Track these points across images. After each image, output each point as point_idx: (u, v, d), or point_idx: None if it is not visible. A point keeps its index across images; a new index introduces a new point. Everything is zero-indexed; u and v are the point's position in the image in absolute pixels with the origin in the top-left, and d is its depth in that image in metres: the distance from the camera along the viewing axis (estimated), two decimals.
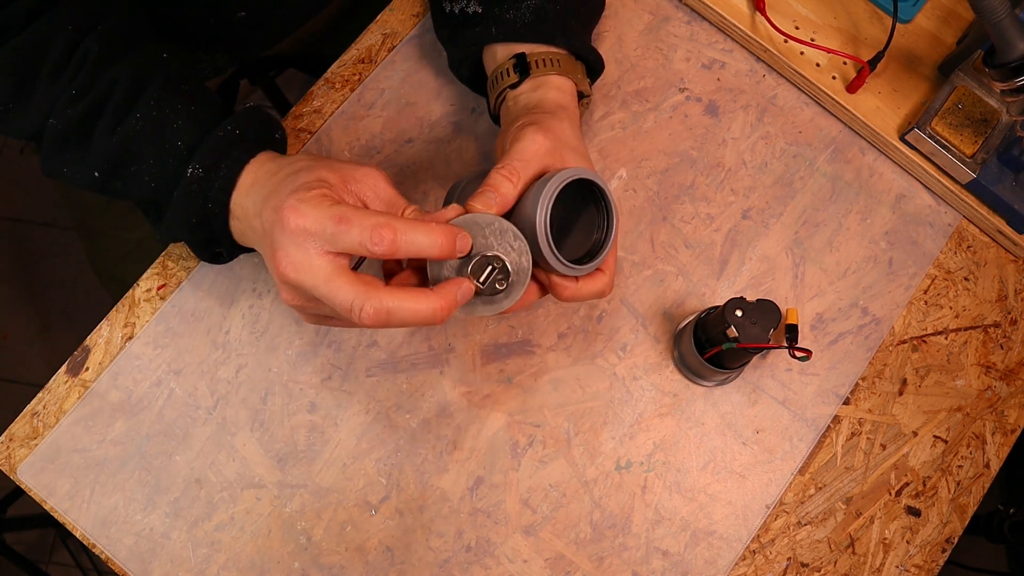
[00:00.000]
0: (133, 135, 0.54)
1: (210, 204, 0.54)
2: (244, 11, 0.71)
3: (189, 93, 0.56)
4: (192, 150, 0.54)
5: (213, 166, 0.53)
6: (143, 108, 0.54)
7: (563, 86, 0.60)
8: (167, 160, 0.54)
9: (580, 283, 0.53)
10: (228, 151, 0.54)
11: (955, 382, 0.68)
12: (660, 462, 0.65)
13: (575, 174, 0.51)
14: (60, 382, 0.64)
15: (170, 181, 0.54)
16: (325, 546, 0.62)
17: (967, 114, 0.67)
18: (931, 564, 0.65)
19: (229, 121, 0.55)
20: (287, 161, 0.53)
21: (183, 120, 0.54)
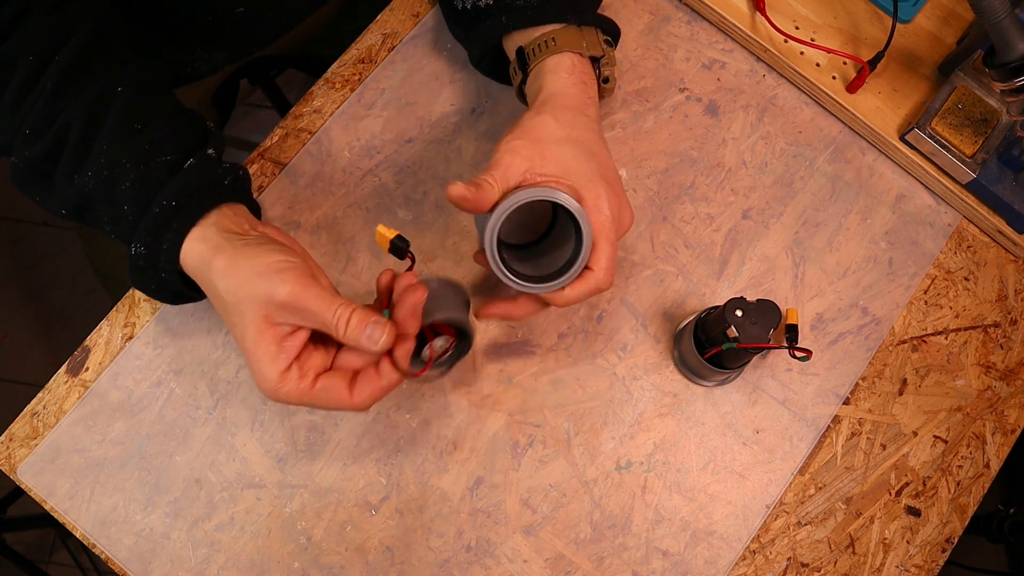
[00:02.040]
0: (88, 189, 0.54)
1: (163, 274, 0.55)
2: (242, 7, 0.71)
3: (140, 138, 0.54)
4: (134, 226, 0.54)
5: (154, 242, 0.54)
6: (94, 163, 0.54)
7: (558, 65, 0.59)
8: (119, 222, 0.55)
9: (568, 290, 0.54)
10: (168, 224, 0.53)
11: (955, 382, 0.68)
12: (660, 462, 0.65)
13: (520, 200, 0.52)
14: (60, 382, 0.64)
15: (125, 241, 0.55)
16: (325, 546, 0.62)
17: (967, 114, 0.67)
18: (931, 564, 0.65)
19: (166, 191, 0.53)
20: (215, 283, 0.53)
21: (129, 183, 0.54)
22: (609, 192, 0.55)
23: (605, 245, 0.54)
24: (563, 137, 0.56)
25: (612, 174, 0.57)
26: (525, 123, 0.56)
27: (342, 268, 0.67)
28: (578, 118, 0.57)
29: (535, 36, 0.60)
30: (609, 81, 0.62)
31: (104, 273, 0.89)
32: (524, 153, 0.54)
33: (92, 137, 0.54)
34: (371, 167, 0.69)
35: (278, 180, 0.69)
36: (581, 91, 0.59)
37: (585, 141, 0.57)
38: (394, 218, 0.68)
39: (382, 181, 0.69)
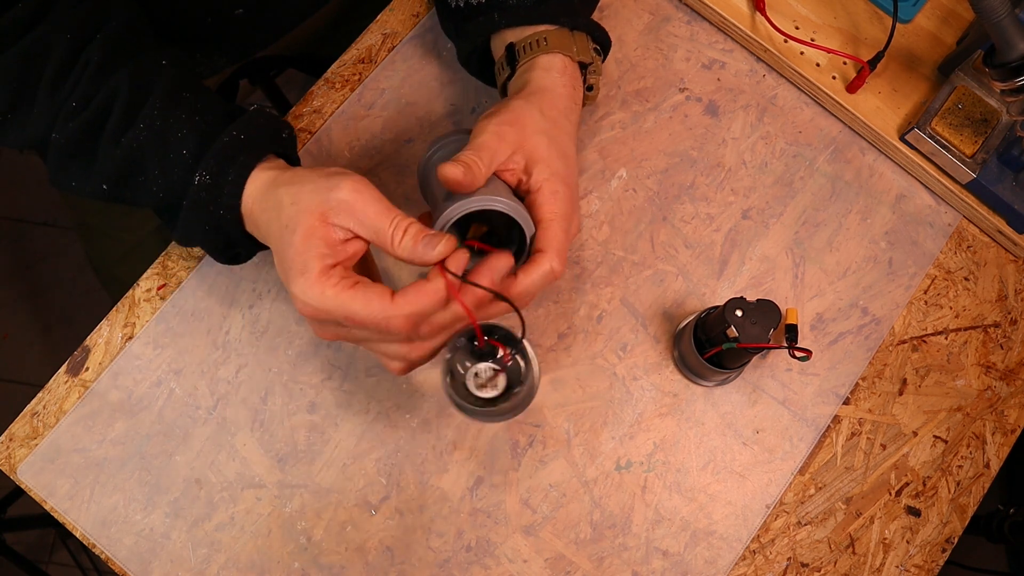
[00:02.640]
0: (137, 146, 0.54)
1: (222, 211, 0.54)
2: (242, 9, 0.71)
3: (191, 100, 0.56)
4: (197, 159, 0.53)
5: (220, 172, 0.53)
6: (146, 118, 0.54)
7: (549, 64, 0.59)
8: (172, 170, 0.54)
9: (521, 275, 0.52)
10: (235, 156, 0.53)
11: (955, 382, 0.68)
12: (660, 462, 0.65)
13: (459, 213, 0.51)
14: (60, 382, 0.64)
15: (177, 190, 0.54)
16: (325, 546, 0.62)
17: (967, 114, 0.67)
18: (931, 564, 0.65)
19: (234, 127, 0.54)
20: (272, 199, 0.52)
21: (187, 129, 0.54)
22: (566, 191, 0.55)
23: (558, 230, 0.53)
24: (544, 130, 0.56)
25: (574, 181, 0.57)
26: (513, 108, 0.56)
27: None
28: (561, 120, 0.58)
29: (527, 34, 0.60)
30: (593, 90, 0.63)
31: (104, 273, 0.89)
32: (510, 139, 0.54)
33: (142, 99, 0.54)
34: (371, 167, 0.69)
35: None
36: (568, 94, 0.59)
37: (561, 140, 0.57)
38: None
39: (382, 181, 0.69)
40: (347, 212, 0.50)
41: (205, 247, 0.57)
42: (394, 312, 0.48)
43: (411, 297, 0.49)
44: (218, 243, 0.57)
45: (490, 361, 0.52)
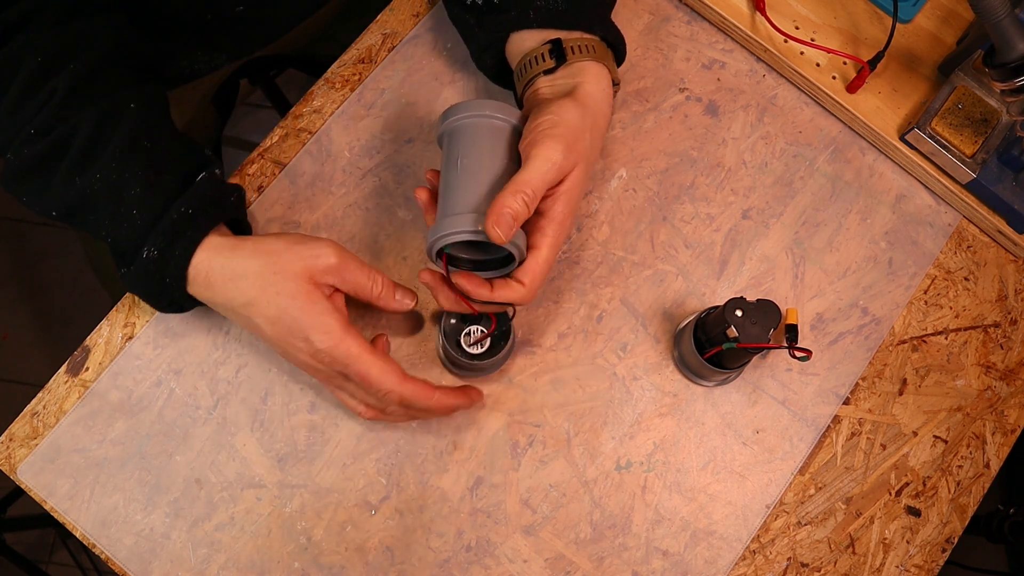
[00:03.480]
0: (91, 192, 0.55)
1: (168, 279, 0.56)
2: (242, 6, 0.71)
3: (150, 151, 0.56)
4: (147, 228, 0.55)
5: (167, 246, 0.55)
6: (102, 167, 0.54)
7: (600, 75, 0.60)
8: (122, 226, 0.55)
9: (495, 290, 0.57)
10: (182, 231, 0.55)
11: (955, 382, 0.68)
12: (660, 462, 0.65)
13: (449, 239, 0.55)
14: (60, 382, 0.64)
15: (125, 248, 0.56)
16: (325, 546, 0.62)
17: (967, 114, 0.67)
18: (931, 564, 0.65)
19: (182, 202, 0.56)
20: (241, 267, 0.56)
21: (140, 188, 0.55)
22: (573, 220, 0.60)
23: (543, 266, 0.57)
24: (585, 155, 0.58)
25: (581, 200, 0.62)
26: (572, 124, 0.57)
27: None
28: (598, 141, 0.60)
29: (573, 36, 0.60)
30: None
31: (104, 273, 0.89)
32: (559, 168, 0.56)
33: (102, 142, 0.55)
34: (371, 167, 0.69)
35: (278, 180, 0.69)
36: (610, 113, 0.61)
37: (590, 166, 0.59)
38: (394, 218, 0.68)
39: (382, 181, 0.69)
40: (334, 273, 0.56)
41: (149, 303, 0.59)
42: (399, 391, 0.56)
43: (418, 387, 0.57)
44: (161, 302, 0.59)
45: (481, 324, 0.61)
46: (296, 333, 0.55)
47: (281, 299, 0.55)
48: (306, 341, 0.54)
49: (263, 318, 0.55)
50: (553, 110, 0.57)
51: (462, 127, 0.59)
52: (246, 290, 0.55)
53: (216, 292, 0.56)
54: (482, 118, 0.59)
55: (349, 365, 0.55)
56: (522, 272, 0.57)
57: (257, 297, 0.55)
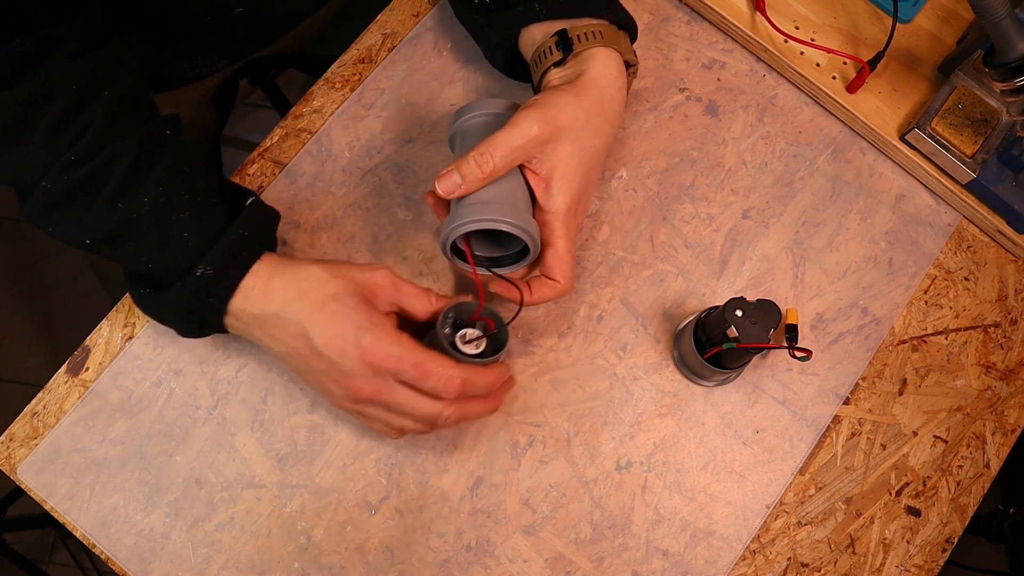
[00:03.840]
0: (138, 216, 0.54)
1: (211, 299, 0.56)
2: (242, 8, 0.71)
3: (192, 177, 0.57)
4: (201, 248, 0.55)
5: (223, 266, 0.55)
6: (149, 191, 0.54)
7: (608, 59, 0.59)
8: (170, 249, 0.55)
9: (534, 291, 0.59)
10: (239, 253, 0.56)
11: (955, 382, 0.68)
12: (660, 462, 0.65)
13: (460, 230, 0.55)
14: (60, 382, 0.64)
15: (171, 270, 0.56)
16: (325, 546, 0.62)
17: (967, 114, 0.67)
18: (931, 564, 0.65)
19: (240, 224, 0.56)
20: (302, 273, 0.56)
21: (189, 211, 0.55)
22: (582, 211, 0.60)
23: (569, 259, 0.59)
24: (580, 139, 0.57)
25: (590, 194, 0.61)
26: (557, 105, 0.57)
27: None
28: (604, 127, 0.59)
29: (579, 24, 0.60)
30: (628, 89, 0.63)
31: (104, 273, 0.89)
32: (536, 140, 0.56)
33: (146, 168, 0.55)
34: (371, 167, 0.69)
35: (278, 180, 0.69)
36: (622, 97, 0.60)
37: (590, 154, 0.58)
38: (394, 218, 0.68)
39: (382, 181, 0.69)
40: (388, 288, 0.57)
41: (175, 322, 0.58)
42: (456, 372, 0.55)
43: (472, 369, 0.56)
44: (192, 322, 0.58)
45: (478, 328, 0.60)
46: (348, 334, 0.54)
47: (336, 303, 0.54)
48: (357, 340, 0.54)
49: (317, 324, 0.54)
50: (542, 94, 0.58)
51: (473, 126, 0.60)
52: (305, 292, 0.55)
53: (273, 299, 0.56)
54: (493, 116, 0.60)
55: (402, 358, 0.54)
56: (550, 270, 0.58)
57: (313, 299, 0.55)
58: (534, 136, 0.55)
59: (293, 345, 0.56)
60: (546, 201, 0.57)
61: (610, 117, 0.59)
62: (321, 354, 0.54)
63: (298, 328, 0.55)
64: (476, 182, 0.55)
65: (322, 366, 0.55)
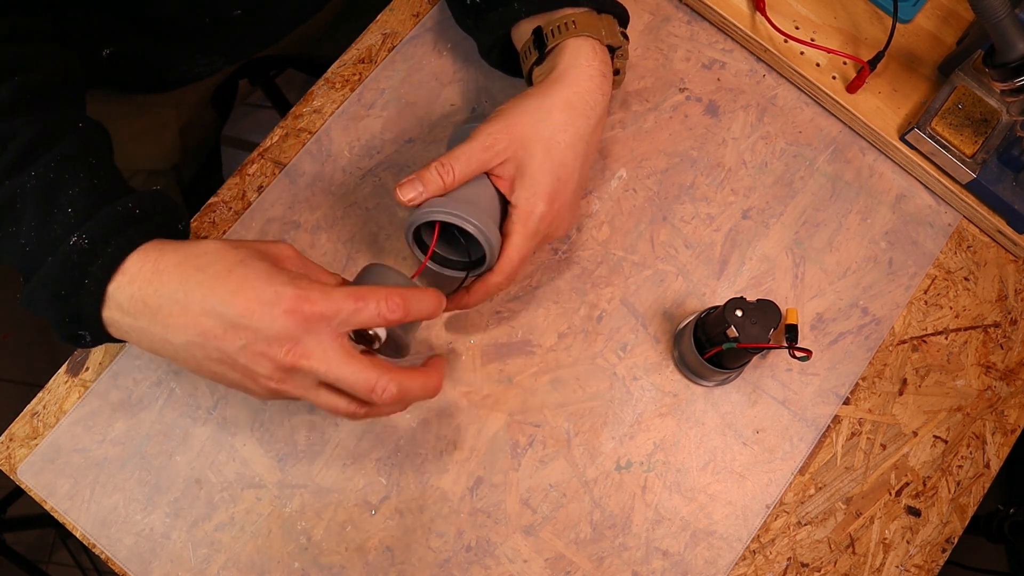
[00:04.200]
0: (21, 192, 0.49)
1: (87, 280, 0.48)
2: (240, 10, 0.71)
3: (95, 167, 0.51)
4: (82, 220, 0.49)
5: (101, 240, 0.48)
6: (40, 167, 0.49)
7: (577, 49, 0.59)
8: (51, 226, 0.49)
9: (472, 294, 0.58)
10: (122, 229, 0.49)
11: (955, 382, 0.68)
12: (660, 462, 0.65)
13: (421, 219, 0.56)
14: (60, 382, 0.64)
15: (47, 247, 0.49)
16: (325, 546, 0.62)
17: (967, 114, 0.67)
18: (931, 564, 0.65)
19: (131, 198, 0.50)
20: (197, 248, 0.49)
21: (80, 188, 0.49)
22: (544, 209, 0.58)
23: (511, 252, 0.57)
24: (545, 138, 0.57)
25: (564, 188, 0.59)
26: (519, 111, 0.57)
27: (342, 268, 0.67)
28: (576, 119, 0.58)
29: (555, 17, 0.60)
30: (619, 74, 0.62)
31: None
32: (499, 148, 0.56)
33: (44, 147, 0.50)
34: (371, 167, 0.69)
35: (278, 180, 0.69)
36: (596, 86, 0.59)
37: (561, 149, 0.58)
38: (394, 218, 0.68)
39: (382, 181, 0.69)
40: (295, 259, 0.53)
41: (48, 314, 0.51)
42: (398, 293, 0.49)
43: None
44: (65, 313, 0.50)
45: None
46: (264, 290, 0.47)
47: (243, 267, 0.48)
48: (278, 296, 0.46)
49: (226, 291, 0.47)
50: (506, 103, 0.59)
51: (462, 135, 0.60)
52: (205, 266, 0.48)
53: (167, 278, 0.48)
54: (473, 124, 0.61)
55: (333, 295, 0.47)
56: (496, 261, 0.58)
57: (216, 270, 0.47)
58: (490, 146, 0.56)
59: (200, 327, 0.47)
60: (512, 195, 0.58)
61: (580, 110, 0.58)
62: (237, 324, 0.46)
63: (203, 304, 0.47)
64: (437, 191, 0.55)
65: (239, 341, 0.47)
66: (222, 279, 0.47)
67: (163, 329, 0.49)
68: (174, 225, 0.53)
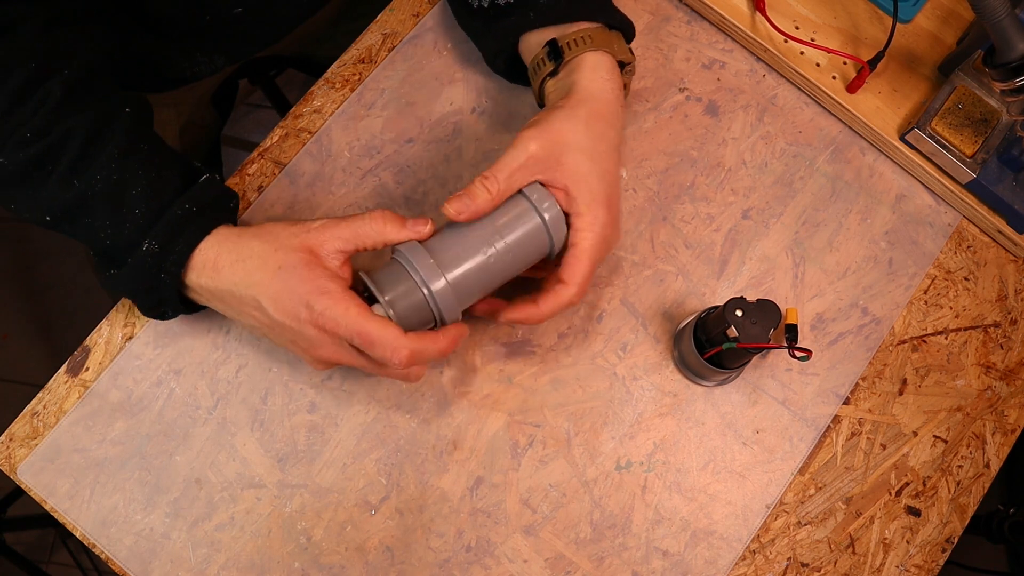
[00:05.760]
0: (91, 193, 0.55)
1: (163, 275, 0.56)
2: (240, 8, 0.71)
3: (148, 154, 0.57)
4: (150, 223, 0.55)
5: (169, 241, 0.55)
6: (102, 167, 0.55)
7: (598, 64, 0.59)
8: (124, 225, 0.55)
9: (541, 304, 0.58)
10: (184, 228, 0.56)
11: (955, 382, 0.68)
12: (660, 462, 0.65)
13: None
14: (60, 382, 0.64)
15: (124, 246, 0.56)
16: (325, 546, 0.62)
17: (967, 114, 0.67)
18: (931, 564, 0.65)
19: (186, 198, 0.56)
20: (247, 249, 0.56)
21: (142, 187, 0.55)
22: (606, 216, 0.57)
23: (586, 263, 0.57)
24: (586, 147, 0.57)
25: (615, 194, 0.59)
26: (555, 123, 0.57)
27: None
28: (607, 131, 0.59)
29: (570, 31, 0.60)
30: (626, 88, 0.63)
31: None
32: (537, 159, 0.56)
33: (100, 144, 0.55)
34: (371, 167, 0.69)
35: (278, 180, 0.69)
36: (616, 98, 0.60)
37: (603, 157, 0.58)
38: None
39: (382, 181, 0.69)
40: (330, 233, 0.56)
41: (135, 301, 0.59)
42: (404, 344, 0.53)
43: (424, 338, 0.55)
44: (149, 300, 0.58)
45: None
46: (299, 303, 0.54)
47: (283, 273, 0.54)
48: (308, 308, 0.54)
49: (268, 297, 0.55)
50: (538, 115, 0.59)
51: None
52: (252, 271, 0.55)
53: (223, 277, 0.56)
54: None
55: (350, 327, 0.53)
56: (565, 269, 0.57)
57: (262, 275, 0.55)
58: (533, 153, 0.56)
59: (255, 317, 0.56)
60: (571, 205, 0.57)
61: (610, 120, 0.59)
62: (282, 324, 0.55)
63: (254, 302, 0.55)
64: (486, 203, 0.55)
65: (287, 335, 0.56)
66: (267, 284, 0.55)
67: (232, 312, 0.58)
68: (226, 207, 0.60)
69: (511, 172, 0.56)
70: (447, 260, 0.55)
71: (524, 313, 0.58)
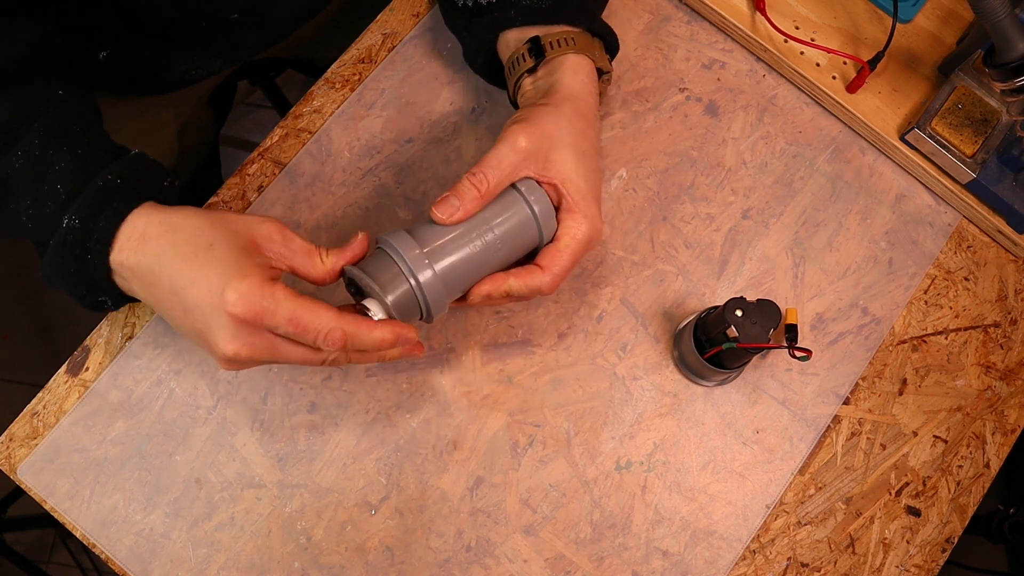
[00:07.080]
0: (11, 171, 0.51)
1: (88, 256, 0.51)
2: (237, 13, 0.71)
3: (79, 135, 0.53)
4: (71, 198, 0.51)
5: (91, 216, 0.50)
6: (25, 145, 0.51)
7: (579, 66, 0.59)
8: (45, 203, 0.51)
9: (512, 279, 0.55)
10: (108, 201, 0.51)
11: (955, 382, 0.68)
12: (660, 462, 0.65)
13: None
14: (60, 382, 0.64)
15: (47, 227, 0.51)
16: (325, 546, 0.62)
17: (967, 114, 0.67)
18: (931, 564, 0.65)
19: (110, 169, 0.52)
20: (180, 220, 0.51)
21: (66, 163, 0.51)
22: (595, 213, 0.57)
23: (567, 256, 0.56)
24: (573, 144, 0.57)
25: (599, 194, 0.59)
26: (541, 119, 0.56)
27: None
28: (588, 130, 0.58)
29: (553, 31, 0.60)
30: (601, 96, 0.63)
31: None
32: (526, 154, 0.55)
33: (25, 123, 0.51)
34: (371, 167, 0.69)
35: (278, 180, 0.69)
36: (596, 102, 0.60)
37: (587, 156, 0.58)
38: (394, 218, 0.68)
39: (382, 181, 0.69)
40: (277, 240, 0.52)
41: (67, 289, 0.54)
42: (336, 324, 0.49)
43: (359, 321, 0.51)
44: (80, 287, 0.53)
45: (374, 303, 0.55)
46: (221, 283, 0.48)
47: (213, 250, 0.49)
48: (222, 296, 0.48)
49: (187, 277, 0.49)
50: (521, 111, 0.58)
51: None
52: (180, 243, 0.50)
53: (148, 250, 0.50)
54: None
55: (277, 311, 0.48)
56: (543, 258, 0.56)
57: (188, 248, 0.49)
58: (522, 148, 0.55)
59: (168, 302, 0.51)
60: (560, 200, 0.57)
61: (591, 121, 0.59)
62: (191, 312, 0.49)
63: (170, 283, 0.50)
64: (474, 202, 0.54)
65: (197, 325, 0.50)
66: (187, 262, 0.49)
67: (149, 296, 0.52)
68: (158, 184, 0.55)
69: (500, 168, 0.55)
70: (435, 250, 0.53)
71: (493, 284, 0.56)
